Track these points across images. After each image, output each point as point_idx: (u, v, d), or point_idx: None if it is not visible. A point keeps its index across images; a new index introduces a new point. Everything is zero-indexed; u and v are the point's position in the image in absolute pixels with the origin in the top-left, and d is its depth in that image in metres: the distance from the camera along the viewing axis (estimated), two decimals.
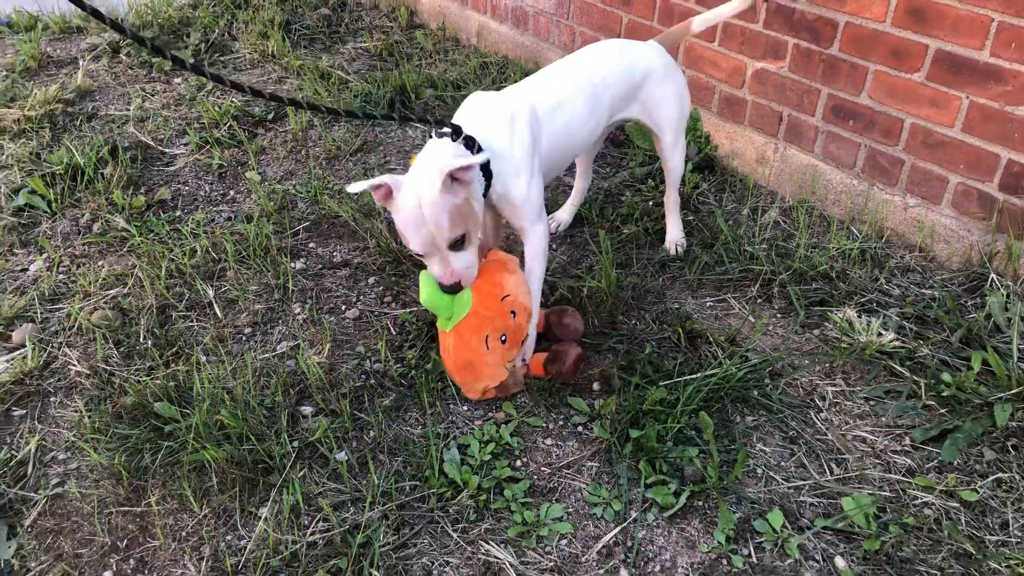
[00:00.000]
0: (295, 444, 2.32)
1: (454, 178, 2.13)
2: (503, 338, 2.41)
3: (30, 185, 3.42)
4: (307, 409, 2.45)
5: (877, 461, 2.28)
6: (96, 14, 1.87)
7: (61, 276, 3.02)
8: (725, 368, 2.48)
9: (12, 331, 2.76)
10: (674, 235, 3.15)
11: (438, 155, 2.22)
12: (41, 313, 2.84)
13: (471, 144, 2.28)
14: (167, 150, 3.87)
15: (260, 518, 2.12)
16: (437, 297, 2.31)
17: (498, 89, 2.71)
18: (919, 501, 2.15)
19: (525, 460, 2.30)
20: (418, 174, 2.18)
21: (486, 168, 2.31)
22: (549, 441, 2.36)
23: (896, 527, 2.06)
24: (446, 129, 2.28)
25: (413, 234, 2.19)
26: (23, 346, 2.70)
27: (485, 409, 2.46)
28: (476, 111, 2.42)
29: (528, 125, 2.43)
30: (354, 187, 2.17)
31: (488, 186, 2.34)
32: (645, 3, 3.83)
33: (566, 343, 2.55)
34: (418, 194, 2.14)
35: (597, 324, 2.76)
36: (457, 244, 2.23)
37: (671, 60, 2.88)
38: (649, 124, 2.91)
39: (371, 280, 2.99)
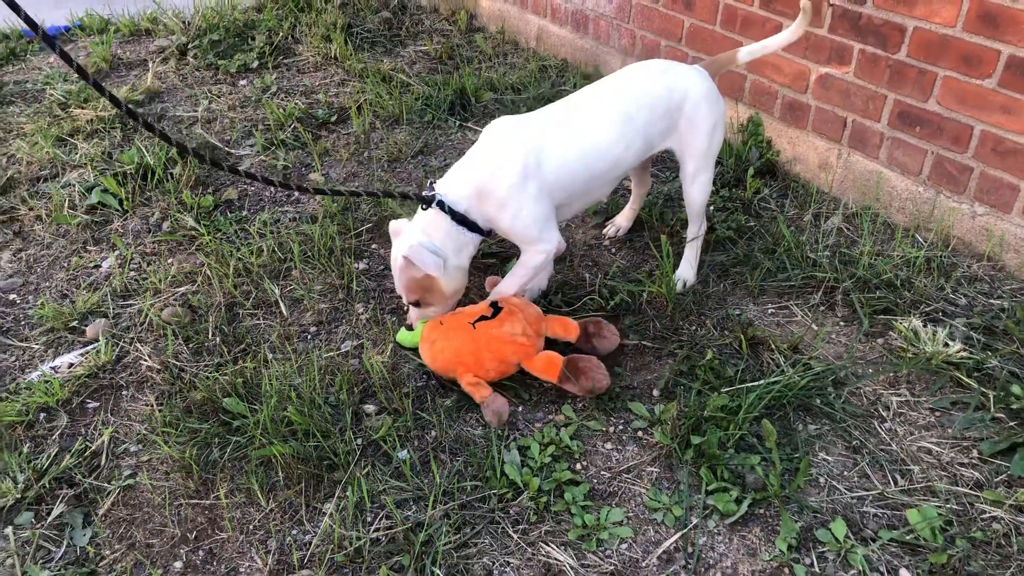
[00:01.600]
0: (359, 442, 2.36)
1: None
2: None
3: (103, 184, 3.53)
4: (370, 407, 2.49)
5: (943, 473, 2.25)
6: (47, 40, 1.95)
7: (132, 273, 3.11)
8: (788, 376, 2.47)
9: (86, 326, 2.85)
10: (682, 270, 2.99)
11: (417, 225, 2.56)
12: (113, 309, 2.93)
13: (460, 217, 2.53)
14: (233, 151, 3.95)
15: (325, 513, 2.17)
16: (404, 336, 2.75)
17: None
18: (987, 515, 2.11)
19: (585, 463, 2.31)
20: (400, 238, 2.58)
21: (466, 221, 2.54)
22: (609, 445, 2.37)
23: (963, 541, 2.03)
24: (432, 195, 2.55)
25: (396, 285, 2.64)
26: (96, 341, 2.79)
27: (545, 411, 2.48)
28: (484, 143, 2.57)
29: (521, 160, 2.48)
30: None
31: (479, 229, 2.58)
32: (707, 7, 3.82)
33: (586, 360, 2.51)
34: (395, 256, 2.57)
35: (658, 328, 2.77)
36: (415, 304, 2.63)
37: (714, 88, 2.76)
38: (675, 150, 2.79)
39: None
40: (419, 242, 2.47)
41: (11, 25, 5.45)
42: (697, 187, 2.81)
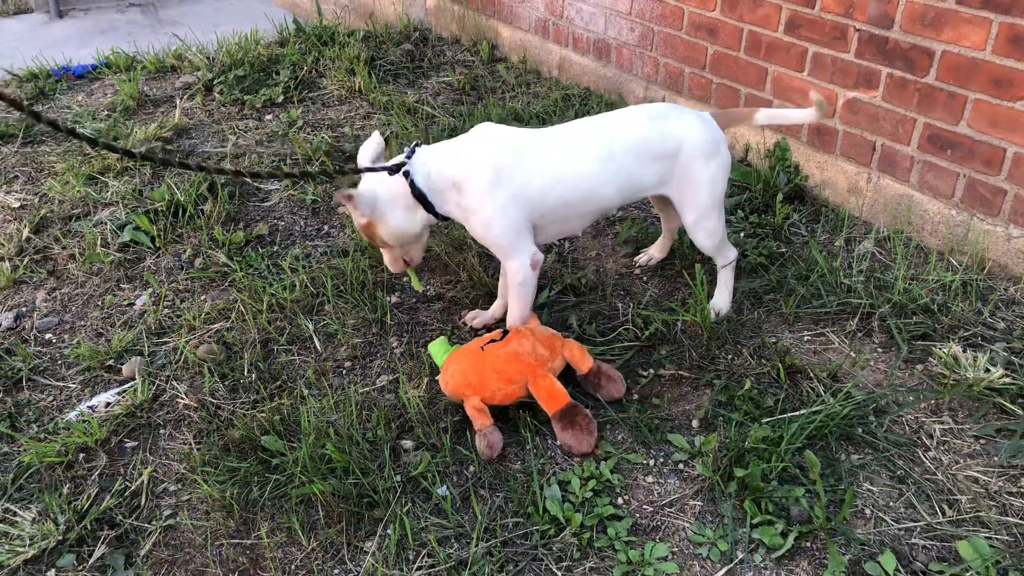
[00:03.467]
0: (397, 478, 2.35)
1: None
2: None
3: (135, 221, 3.56)
4: (408, 443, 2.48)
5: (992, 503, 2.21)
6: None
7: (166, 310, 3.12)
8: (830, 406, 2.44)
9: (122, 364, 2.86)
10: (717, 299, 2.94)
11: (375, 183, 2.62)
12: (148, 347, 2.94)
13: (417, 190, 2.56)
14: (262, 186, 3.98)
15: (367, 552, 2.15)
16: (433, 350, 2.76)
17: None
18: None
19: (626, 498, 2.29)
20: None
21: (423, 197, 2.56)
22: (650, 479, 2.35)
23: (1016, 573, 1.99)
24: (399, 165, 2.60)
25: None
26: (133, 379, 2.80)
27: None
28: (468, 139, 2.59)
29: (494, 166, 2.48)
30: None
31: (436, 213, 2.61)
32: (731, 34, 3.83)
33: (585, 419, 2.45)
34: None
35: (694, 357, 2.75)
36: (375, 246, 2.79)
37: (716, 137, 2.67)
38: (673, 199, 2.73)
39: (464, 313, 3.03)
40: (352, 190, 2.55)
41: (40, 64, 5.53)
42: (702, 234, 2.77)
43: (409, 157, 2.57)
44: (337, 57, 5.35)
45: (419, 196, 2.55)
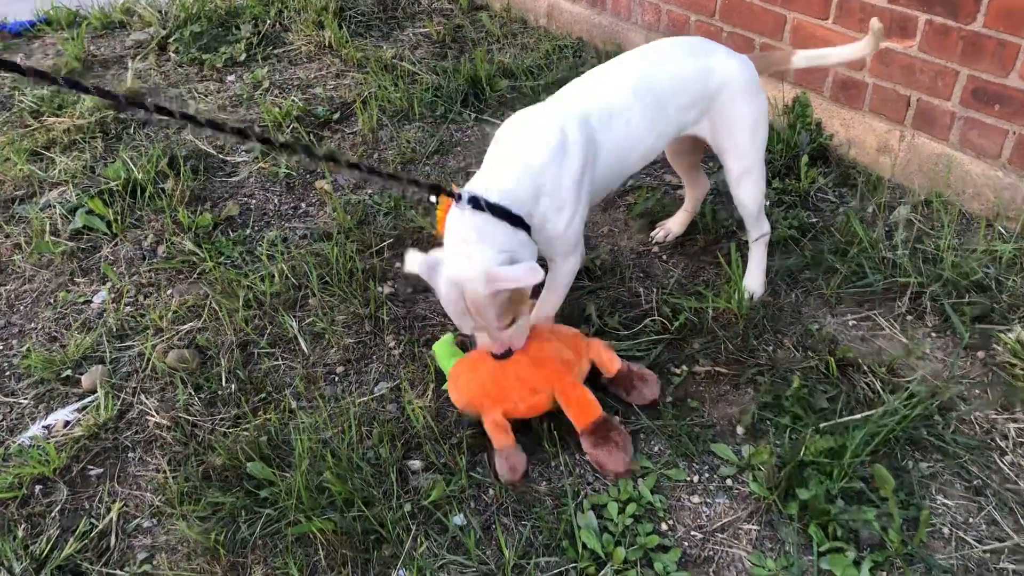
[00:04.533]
0: (407, 507, 2.04)
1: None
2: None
3: (88, 204, 3.16)
4: (415, 463, 2.17)
5: None
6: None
7: (128, 308, 2.76)
8: (895, 407, 2.16)
9: (81, 375, 2.51)
10: (748, 280, 2.64)
11: (475, 238, 2.01)
12: (110, 352, 2.59)
13: (503, 211, 2.03)
14: (228, 158, 3.58)
15: None
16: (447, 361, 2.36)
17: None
18: None
19: (671, 522, 2.01)
20: (456, 263, 2.02)
21: (510, 215, 2.04)
22: (696, 499, 2.06)
23: None
24: (469, 200, 2.02)
25: (459, 320, 2.12)
26: (94, 392, 2.45)
27: None
28: (522, 139, 2.13)
29: (582, 150, 2.12)
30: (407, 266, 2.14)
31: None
32: None
33: (620, 435, 2.15)
34: (461, 289, 2.01)
35: (731, 350, 2.45)
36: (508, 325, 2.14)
37: (757, 79, 2.42)
38: (712, 146, 2.46)
39: None
40: (487, 264, 1.97)
41: None
42: (746, 189, 2.48)
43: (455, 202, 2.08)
44: (303, 8, 4.89)
45: (503, 214, 2.03)
